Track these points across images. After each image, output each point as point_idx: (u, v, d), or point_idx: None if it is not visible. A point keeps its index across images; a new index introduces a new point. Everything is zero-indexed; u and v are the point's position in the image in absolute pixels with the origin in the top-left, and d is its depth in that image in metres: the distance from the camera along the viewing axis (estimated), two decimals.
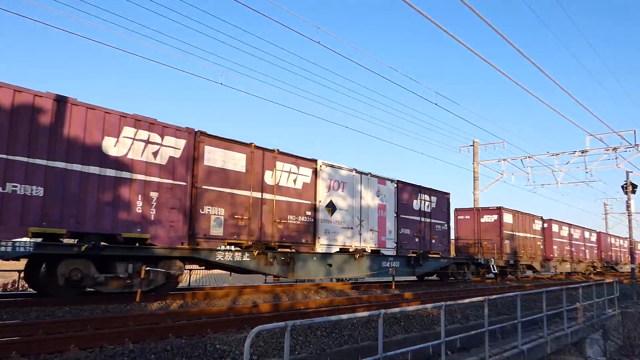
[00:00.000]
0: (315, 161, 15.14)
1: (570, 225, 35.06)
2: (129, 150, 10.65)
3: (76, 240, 9.92)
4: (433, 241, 20.48)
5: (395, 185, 18.53)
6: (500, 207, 25.97)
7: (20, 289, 15.32)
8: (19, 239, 8.88)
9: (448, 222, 21.82)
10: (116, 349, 6.23)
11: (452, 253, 24.23)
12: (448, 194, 21.73)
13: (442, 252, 21.07)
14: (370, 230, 17.08)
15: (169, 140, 11.39)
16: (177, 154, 11.51)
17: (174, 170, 11.43)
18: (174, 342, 6.71)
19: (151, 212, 10.89)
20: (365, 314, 6.37)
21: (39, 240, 9.27)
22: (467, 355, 9.01)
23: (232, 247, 12.53)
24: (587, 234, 38.67)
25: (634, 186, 27.68)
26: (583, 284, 15.77)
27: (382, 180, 17.82)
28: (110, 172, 10.30)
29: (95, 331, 6.95)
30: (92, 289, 10.42)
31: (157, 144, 11.15)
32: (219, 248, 12.09)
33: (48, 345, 6.14)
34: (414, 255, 19.07)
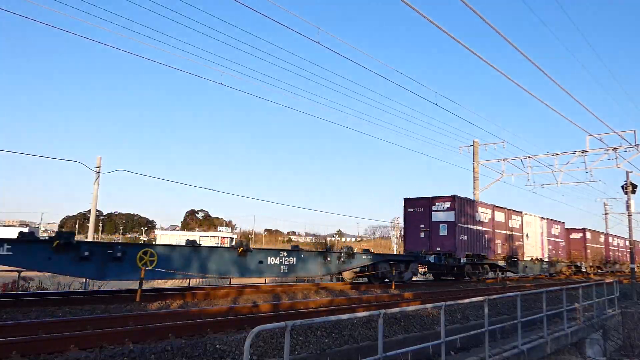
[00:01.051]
0: (521, 212, 28.76)
1: (618, 237, 47.53)
2: (483, 217, 24.03)
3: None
4: (559, 252, 34.09)
5: (545, 220, 32.30)
6: (584, 228, 38.21)
7: (20, 289, 15.32)
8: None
9: (563, 240, 35.55)
10: (116, 349, 6.23)
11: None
12: (564, 222, 35.54)
13: (564, 259, 34.83)
14: (539, 247, 30.83)
15: (487, 211, 24.69)
16: (488, 217, 24.66)
17: (491, 224, 24.80)
18: (174, 342, 6.72)
19: (489, 244, 24.16)
20: (365, 314, 6.37)
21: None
22: (467, 355, 9.02)
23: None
24: (627, 242, 50.54)
25: (634, 186, 27.66)
26: (583, 284, 15.77)
27: (542, 218, 31.75)
28: (479, 228, 23.49)
29: (95, 331, 6.95)
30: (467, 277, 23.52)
31: (486, 213, 24.40)
32: (499, 259, 25.48)
33: (48, 345, 6.14)
34: (554, 260, 32.58)
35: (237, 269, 12.81)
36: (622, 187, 28.03)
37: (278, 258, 13.94)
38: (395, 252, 50.38)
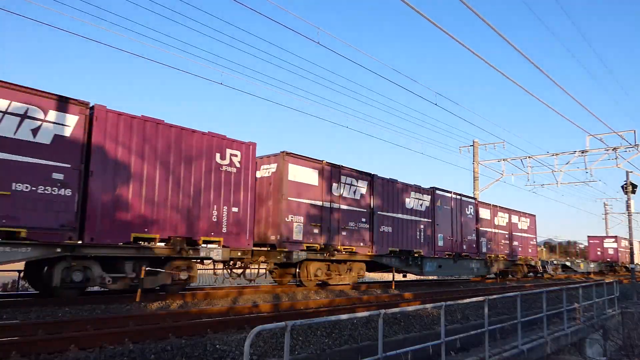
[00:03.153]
0: (630, 239, 32.73)
1: None
2: (623, 244, 47.32)
3: None
4: None
5: (636, 241, 44.07)
6: None
7: (20, 289, 15.32)
8: None
9: None
10: (116, 349, 6.23)
11: None
12: None
13: None
14: (636, 256, 38.24)
15: (621, 240, 47.04)
16: (625, 243, 45.59)
17: (622, 245, 46.82)
18: (174, 342, 6.71)
19: (624, 256, 46.92)
20: (365, 314, 6.37)
21: None
22: (467, 355, 9.01)
23: None
24: None
25: (634, 186, 27.67)
26: (583, 284, 15.76)
27: (637, 241, 43.05)
28: (621, 249, 47.05)
29: (95, 331, 6.95)
30: None
31: (623, 241, 47.29)
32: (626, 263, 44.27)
33: (48, 345, 6.14)
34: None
35: None
36: (622, 187, 28.04)
37: None
38: None
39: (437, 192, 20.90)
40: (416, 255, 18.80)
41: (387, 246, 17.57)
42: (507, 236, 27.48)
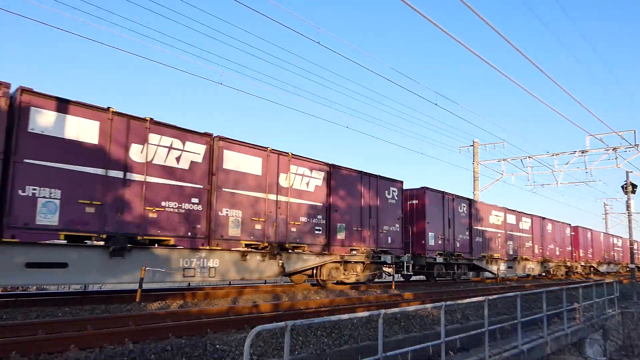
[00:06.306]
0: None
1: None
2: None
3: None
4: None
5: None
6: None
7: (20, 289, 15.31)
8: None
9: None
10: (116, 349, 6.23)
11: None
12: None
13: None
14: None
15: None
16: None
17: None
18: (174, 342, 6.71)
19: None
20: (365, 314, 6.37)
21: None
22: (467, 355, 9.02)
23: None
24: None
25: (634, 186, 27.68)
26: (583, 284, 15.77)
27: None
28: None
29: (95, 331, 6.95)
30: None
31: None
32: None
33: (48, 345, 6.14)
34: None
35: None
36: (622, 187, 28.05)
37: None
38: None
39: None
40: None
41: None
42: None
